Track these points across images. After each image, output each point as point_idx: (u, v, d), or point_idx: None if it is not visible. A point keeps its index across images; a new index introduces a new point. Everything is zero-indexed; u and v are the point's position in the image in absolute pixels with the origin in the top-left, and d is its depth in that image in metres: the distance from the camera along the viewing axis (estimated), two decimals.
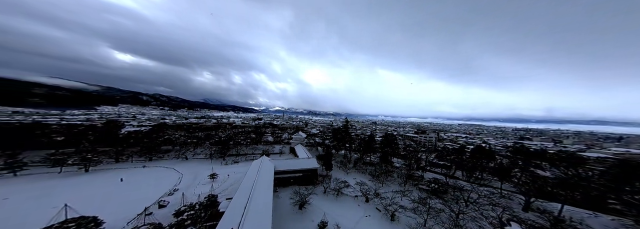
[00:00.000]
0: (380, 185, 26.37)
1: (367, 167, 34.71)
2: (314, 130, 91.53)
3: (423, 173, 32.26)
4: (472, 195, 21.37)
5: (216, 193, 22.90)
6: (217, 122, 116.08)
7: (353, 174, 32.09)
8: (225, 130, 79.14)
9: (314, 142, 54.42)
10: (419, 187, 25.64)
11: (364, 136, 52.30)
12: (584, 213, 20.06)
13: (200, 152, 45.92)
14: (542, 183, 22.76)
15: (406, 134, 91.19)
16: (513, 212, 18.77)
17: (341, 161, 37.63)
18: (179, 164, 37.73)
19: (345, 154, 45.41)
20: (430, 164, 37.27)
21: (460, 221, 16.90)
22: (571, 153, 39.73)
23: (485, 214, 18.01)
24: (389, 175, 29.90)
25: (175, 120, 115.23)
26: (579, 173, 24.15)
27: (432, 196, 21.86)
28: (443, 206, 19.19)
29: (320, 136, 62.39)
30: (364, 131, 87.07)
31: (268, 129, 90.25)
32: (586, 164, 31.17)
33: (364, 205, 21.05)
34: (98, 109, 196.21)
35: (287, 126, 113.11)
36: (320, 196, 22.97)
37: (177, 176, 31.12)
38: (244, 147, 50.73)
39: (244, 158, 43.24)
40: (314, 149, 51.23)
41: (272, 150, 49.57)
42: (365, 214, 19.09)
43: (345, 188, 23.55)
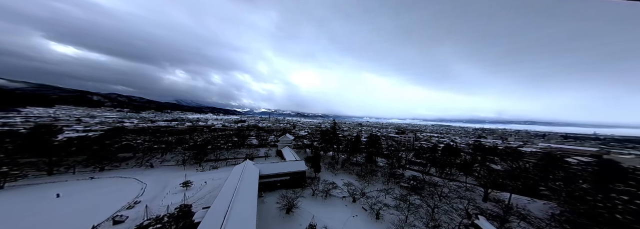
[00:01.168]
0: (366, 185, 27.36)
1: (354, 167, 35.82)
2: (302, 132, 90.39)
3: (403, 171, 34.67)
4: (444, 190, 24.09)
5: (190, 202, 20.76)
6: (193, 125, 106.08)
7: (341, 175, 32.68)
8: (202, 133, 71.63)
9: (302, 145, 53.86)
10: (400, 185, 27.49)
11: (351, 137, 54.09)
12: (525, 200, 24.24)
13: (170, 159, 40.77)
14: (496, 176, 27.07)
15: (388, 134, 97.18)
16: (475, 203, 21.58)
17: (329, 163, 38.10)
18: (143, 173, 33.04)
19: (333, 155, 46.11)
20: (409, 163, 40.42)
21: (435, 215, 18.70)
22: (514, 148, 49.64)
23: (455, 207, 20.27)
24: (374, 174, 31.33)
25: (137, 123, 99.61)
26: (519, 165, 30.21)
27: (412, 193, 23.72)
28: (421, 202, 20.99)
29: (309, 137, 62.11)
30: (350, 132, 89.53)
31: (252, 132, 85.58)
32: (523, 157, 39.53)
33: (351, 205, 21.58)
34: (23, 111, 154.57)
35: (274, 128, 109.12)
36: (308, 199, 22.76)
37: (140, 186, 27.18)
38: (225, 152, 47.18)
39: (224, 163, 40.23)
40: (302, 151, 50.51)
41: (257, 153, 47.32)
42: (352, 215, 19.53)
43: (333, 189, 23.85)
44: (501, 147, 50.15)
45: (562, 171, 27.57)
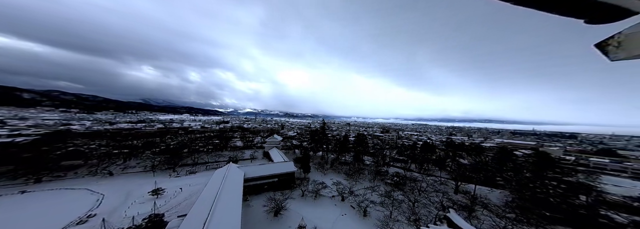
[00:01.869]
0: (354, 183, 28.22)
1: (343, 166, 36.63)
2: (291, 132, 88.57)
3: (387, 168, 36.62)
4: (423, 184, 26.31)
5: (162, 211, 18.69)
6: (165, 126, 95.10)
7: (330, 174, 33.06)
8: (176, 136, 64.52)
9: (291, 145, 52.88)
10: (385, 181, 29.07)
11: (339, 137, 55.05)
12: (486, 190, 27.74)
13: (135, 165, 35.66)
14: (464, 169, 30.66)
15: (374, 133, 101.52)
16: (449, 195, 24.12)
17: (319, 163, 38.27)
18: (98, 182, 28.54)
19: (322, 155, 46.35)
20: (392, 160, 42.92)
21: (416, 209, 20.27)
22: (477, 144, 56.92)
23: (432, 200, 22.28)
24: (361, 173, 32.47)
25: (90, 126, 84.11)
26: (481, 159, 35.21)
27: (395, 189, 25.32)
28: (403, 197, 22.50)
29: (298, 138, 61.36)
30: (339, 132, 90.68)
31: (237, 134, 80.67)
32: (484, 151, 45.93)
33: (340, 204, 22.04)
34: None
35: (261, 129, 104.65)
36: (298, 200, 22.55)
37: (94, 198, 23.51)
38: (205, 155, 43.80)
39: (204, 167, 37.13)
40: (290, 152, 49.67)
41: (242, 156, 44.92)
42: (341, 213, 19.96)
43: (323, 189, 24.03)
44: (467, 143, 57.82)
45: (512, 163, 32.93)
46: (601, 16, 0.85)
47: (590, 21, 0.94)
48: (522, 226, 16.33)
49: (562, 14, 0.91)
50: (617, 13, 0.81)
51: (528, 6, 0.88)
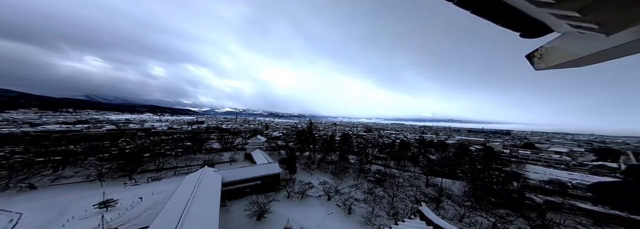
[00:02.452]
0: (340, 182, 28.83)
1: (329, 166, 37.14)
2: (276, 133, 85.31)
3: (370, 166, 38.52)
4: (400, 180, 28.79)
5: (115, 225, 16.23)
6: (118, 128, 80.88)
7: (317, 174, 33.10)
8: (135, 139, 54.89)
9: (275, 146, 50.81)
10: (367, 179, 30.54)
11: (326, 137, 55.46)
12: (449, 182, 31.71)
13: (73, 174, 29.29)
14: (433, 164, 34.69)
15: (358, 133, 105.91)
16: (421, 189, 26.75)
17: (305, 163, 37.89)
18: (11, 198, 22.50)
19: (309, 155, 46.01)
20: (374, 158, 45.59)
21: (395, 203, 21.85)
22: (442, 141, 65.89)
23: (407, 194, 24.40)
24: (346, 171, 33.41)
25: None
26: (446, 155, 40.78)
27: (377, 186, 26.86)
28: (384, 193, 24.06)
29: (284, 138, 59.73)
30: (326, 132, 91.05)
31: (214, 135, 73.32)
32: (448, 148, 53.38)
33: (327, 203, 22.31)
34: None
35: (242, 130, 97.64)
36: (283, 202, 22.02)
37: (5, 218, 18.39)
38: (173, 159, 38.87)
39: (172, 173, 32.80)
40: (275, 153, 47.77)
41: (220, 159, 41.13)
42: (327, 213, 20.25)
43: (309, 189, 23.90)
44: (435, 141, 66.23)
45: (467, 157, 39.17)
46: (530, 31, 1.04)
47: (523, 35, 1.11)
48: (475, 213, 19.67)
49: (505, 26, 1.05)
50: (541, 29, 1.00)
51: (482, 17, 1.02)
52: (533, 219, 17.88)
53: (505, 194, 22.72)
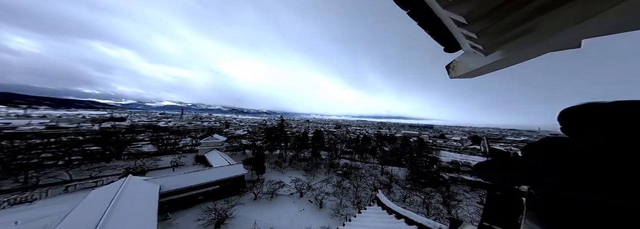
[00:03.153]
0: (312, 178, 29.33)
1: (302, 163, 36.84)
2: (240, 131, 74.82)
3: (339, 160, 41.19)
4: (362, 171, 33.16)
5: None
6: None
7: (289, 172, 32.25)
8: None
9: (239, 146, 44.94)
10: (336, 173, 32.68)
11: (299, 134, 54.09)
12: (397, 169, 38.37)
13: None
14: (386, 155, 41.79)
15: (329, 129, 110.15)
16: (378, 178, 31.18)
17: (276, 162, 35.79)
18: None
19: (280, 153, 43.82)
20: (343, 153, 49.04)
21: (358, 193, 24.46)
22: (392, 135, 79.37)
23: (368, 183, 27.84)
24: (318, 167, 34.29)
25: None
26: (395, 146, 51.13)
27: (345, 178, 29.20)
28: (350, 184, 26.73)
29: (250, 137, 54.00)
30: (299, 129, 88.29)
31: (145, 135, 55.90)
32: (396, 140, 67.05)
33: (299, 200, 22.36)
34: None
35: (191, 129, 79.41)
36: (249, 204, 20.50)
37: None
38: (64, 171, 26.42)
39: (60, 190, 22.77)
40: (238, 153, 42.43)
41: (156, 165, 31.77)
42: (299, 209, 20.42)
43: (280, 189, 23.08)
44: (388, 135, 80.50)
45: (408, 147, 50.33)
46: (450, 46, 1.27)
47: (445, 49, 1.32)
48: (413, 193, 26.22)
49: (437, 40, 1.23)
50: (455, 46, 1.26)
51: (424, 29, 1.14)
52: (443, 192, 25.85)
53: (429, 175, 31.30)
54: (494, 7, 0.86)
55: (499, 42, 1.08)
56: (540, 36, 0.94)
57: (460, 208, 21.87)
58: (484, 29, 0.98)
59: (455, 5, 0.86)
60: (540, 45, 0.98)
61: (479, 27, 0.97)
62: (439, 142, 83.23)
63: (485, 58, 1.22)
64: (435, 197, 23.67)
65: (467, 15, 0.88)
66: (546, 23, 0.89)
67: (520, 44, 1.03)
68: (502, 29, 0.98)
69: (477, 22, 0.94)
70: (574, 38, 0.91)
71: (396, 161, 41.52)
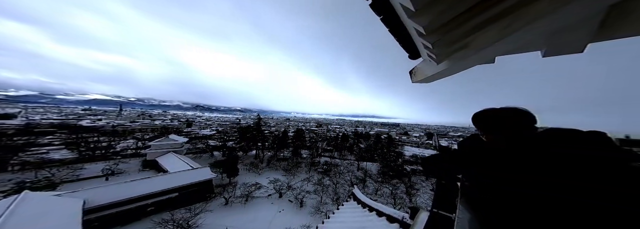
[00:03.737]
0: (292, 177, 28.78)
1: (281, 163, 35.67)
2: (207, 131, 66.23)
3: (320, 159, 41.57)
4: (341, 168, 34.44)
5: None
6: None
7: (267, 173, 30.92)
8: None
9: (205, 147, 40.21)
10: (317, 171, 33.01)
11: (278, 133, 51.64)
12: (371, 164, 40.97)
13: None
14: (361, 152, 44.70)
15: (310, 128, 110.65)
16: (354, 173, 32.55)
17: (252, 163, 33.78)
18: None
19: (257, 154, 41.28)
20: (323, 151, 49.72)
21: (337, 189, 25.07)
22: (367, 132, 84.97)
23: (346, 179, 28.90)
24: (299, 166, 33.91)
25: None
26: (369, 143, 55.50)
27: (325, 176, 29.86)
28: (330, 182, 27.29)
29: (219, 137, 48.31)
30: (278, 128, 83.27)
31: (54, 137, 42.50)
32: (370, 137, 72.81)
33: (278, 201, 21.82)
34: None
35: (136, 128, 66.06)
36: (219, 210, 18.98)
37: None
38: None
39: None
40: (205, 155, 38.03)
41: (76, 175, 24.42)
42: (278, 210, 19.95)
43: (256, 191, 22.01)
44: (364, 133, 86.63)
45: (380, 143, 55.37)
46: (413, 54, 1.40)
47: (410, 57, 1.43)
48: (383, 185, 28.38)
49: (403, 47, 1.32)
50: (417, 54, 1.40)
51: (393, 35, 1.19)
52: (406, 183, 28.95)
53: (396, 168, 35.24)
54: (445, 22, 1.04)
55: (447, 52, 1.33)
56: (472, 51, 1.22)
57: (419, 196, 25.14)
58: (437, 41, 1.18)
59: (418, 16, 0.94)
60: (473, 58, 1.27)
61: (434, 38, 1.16)
62: (403, 139, 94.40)
63: (437, 66, 1.44)
64: (400, 188, 26.69)
65: (426, 26, 1.01)
66: (476, 41, 1.17)
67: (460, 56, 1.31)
68: (449, 42, 1.23)
69: (432, 33, 1.11)
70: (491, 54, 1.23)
71: (370, 156, 44.94)
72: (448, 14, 0.97)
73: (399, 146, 52.24)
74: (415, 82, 1.82)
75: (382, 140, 60.04)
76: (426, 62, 1.56)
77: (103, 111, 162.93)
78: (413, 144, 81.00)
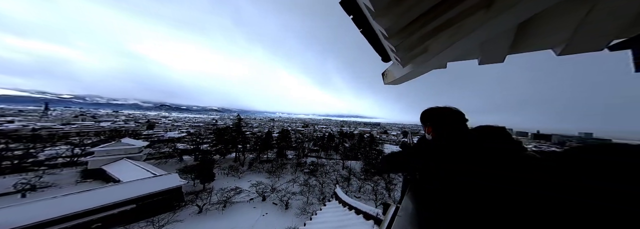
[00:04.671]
0: (277, 179, 27.86)
1: (264, 165, 34.18)
2: (174, 133, 58.89)
3: (306, 159, 40.89)
4: (327, 167, 34.60)
5: None
6: None
7: (248, 176, 29.31)
8: None
9: (172, 151, 35.95)
10: (303, 171, 32.48)
11: (261, 134, 49.52)
12: (354, 163, 41.42)
13: None
14: (346, 151, 46.31)
15: (297, 128, 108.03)
16: (339, 172, 33.01)
17: (231, 166, 31.59)
18: None
19: (236, 156, 38.69)
20: (310, 151, 49.36)
21: (323, 189, 25.06)
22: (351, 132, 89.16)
23: (331, 178, 28.94)
24: (284, 168, 32.89)
25: None
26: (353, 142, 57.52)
27: (311, 176, 29.45)
28: (316, 182, 27.06)
29: (191, 140, 43.41)
30: (261, 129, 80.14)
31: None
32: (354, 137, 75.64)
33: (261, 205, 20.94)
34: None
35: (72, 132, 55.06)
36: (192, 220, 17.50)
37: None
38: None
39: None
40: (171, 160, 34.12)
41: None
42: (262, 214, 19.19)
43: (235, 196, 20.75)
44: (348, 132, 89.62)
45: (363, 142, 58.23)
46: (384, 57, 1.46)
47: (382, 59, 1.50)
48: (366, 183, 28.56)
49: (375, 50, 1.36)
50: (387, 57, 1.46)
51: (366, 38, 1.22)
52: (385, 179, 29.86)
53: (377, 165, 37.24)
54: (403, 27, 1.06)
55: (410, 56, 1.42)
56: (430, 55, 1.32)
57: (396, 191, 26.54)
58: (399, 44, 1.20)
59: (380, 18, 0.94)
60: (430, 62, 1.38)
61: (397, 41, 1.17)
62: (383, 137, 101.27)
63: (402, 69, 1.51)
64: (381, 184, 28.30)
65: (388, 29, 1.02)
66: (432, 46, 1.28)
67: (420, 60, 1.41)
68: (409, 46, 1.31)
69: (394, 36, 1.12)
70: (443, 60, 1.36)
71: (354, 155, 46.52)
72: (405, 18, 0.99)
73: (379, 144, 55.44)
74: (387, 83, 1.91)
75: (365, 139, 62.87)
76: (395, 64, 1.62)
77: (17, 111, 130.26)
78: (392, 142, 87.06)
